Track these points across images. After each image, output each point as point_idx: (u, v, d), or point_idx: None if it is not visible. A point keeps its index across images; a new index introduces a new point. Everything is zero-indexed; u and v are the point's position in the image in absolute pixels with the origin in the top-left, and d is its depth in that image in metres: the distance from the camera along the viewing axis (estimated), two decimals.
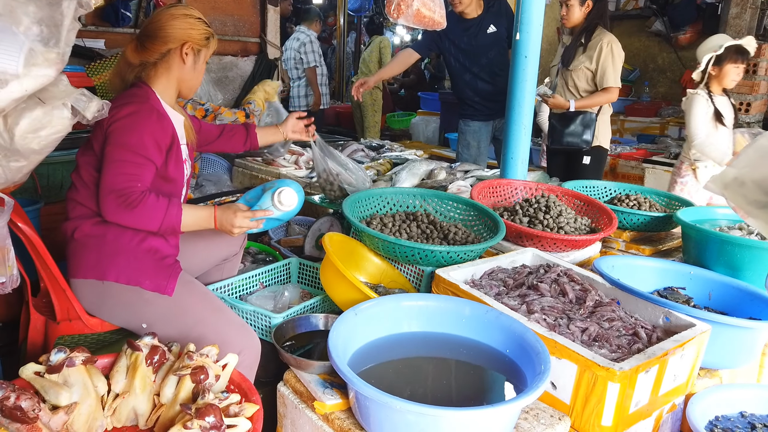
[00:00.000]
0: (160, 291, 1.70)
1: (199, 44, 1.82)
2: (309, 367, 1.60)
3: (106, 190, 1.61)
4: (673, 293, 2.14)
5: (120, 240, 1.70)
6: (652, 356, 1.48)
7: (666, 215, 2.56)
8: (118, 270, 1.67)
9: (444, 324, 1.67)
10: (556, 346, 1.49)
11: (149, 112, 1.71)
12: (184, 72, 1.82)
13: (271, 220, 2.01)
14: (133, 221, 1.64)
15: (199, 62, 1.85)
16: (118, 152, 1.64)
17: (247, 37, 4.64)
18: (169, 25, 1.76)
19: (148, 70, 1.81)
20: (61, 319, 1.63)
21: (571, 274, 1.89)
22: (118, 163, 1.63)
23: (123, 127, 1.66)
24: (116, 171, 1.62)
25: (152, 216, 1.64)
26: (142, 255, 1.71)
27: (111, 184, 1.61)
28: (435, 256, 1.95)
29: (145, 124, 1.68)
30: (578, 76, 3.48)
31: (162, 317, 1.69)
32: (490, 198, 2.68)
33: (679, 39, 6.71)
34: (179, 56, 1.79)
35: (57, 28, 1.14)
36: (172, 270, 1.75)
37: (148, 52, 1.77)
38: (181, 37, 1.77)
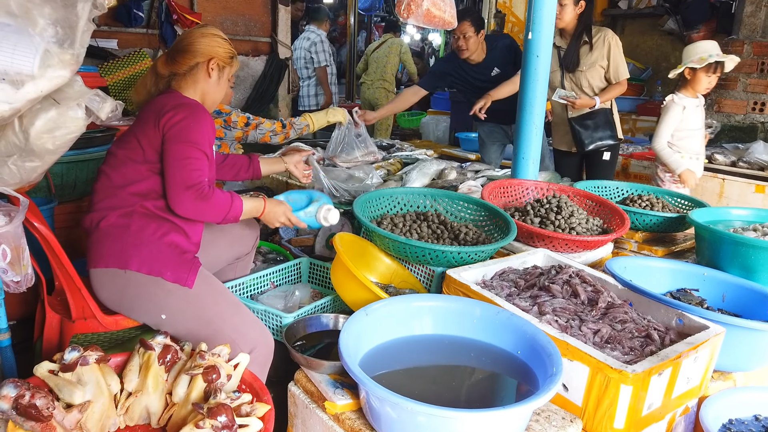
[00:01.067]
0: (180, 283, 1.73)
1: (224, 61, 1.99)
2: (320, 367, 1.60)
3: (181, 186, 1.71)
4: (686, 295, 2.12)
5: (144, 232, 1.75)
6: (665, 359, 1.47)
7: (679, 216, 2.53)
8: (140, 260, 1.71)
9: (454, 325, 1.67)
10: (568, 348, 1.48)
11: (203, 111, 1.85)
12: (209, 85, 1.97)
13: None
14: (207, 212, 1.75)
15: (222, 78, 2.01)
16: (185, 150, 1.74)
17: (258, 37, 4.66)
18: (198, 41, 1.94)
19: (177, 81, 1.95)
20: (76, 317, 1.65)
21: (583, 275, 1.88)
22: (187, 161, 1.74)
23: (187, 126, 1.77)
24: (188, 168, 1.73)
25: (222, 207, 1.77)
26: (165, 248, 1.76)
27: (185, 180, 1.72)
28: (446, 257, 1.94)
29: (202, 122, 1.81)
30: (593, 75, 3.50)
31: (181, 309, 1.72)
32: (501, 198, 2.67)
33: (692, 38, 6.62)
34: (206, 70, 1.95)
35: (72, 30, 1.15)
36: (192, 264, 1.79)
37: (177, 65, 1.93)
38: (208, 53, 1.94)
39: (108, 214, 1.77)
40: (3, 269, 1.37)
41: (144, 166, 1.80)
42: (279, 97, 4.77)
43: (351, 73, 9.01)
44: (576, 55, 3.50)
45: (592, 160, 3.67)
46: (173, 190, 1.72)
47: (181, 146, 1.75)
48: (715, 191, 3.54)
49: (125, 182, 1.80)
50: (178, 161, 1.73)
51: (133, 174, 1.80)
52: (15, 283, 1.41)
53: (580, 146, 3.56)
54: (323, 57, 5.89)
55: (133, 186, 1.79)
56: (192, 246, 1.86)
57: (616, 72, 3.47)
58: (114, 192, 1.80)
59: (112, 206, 1.78)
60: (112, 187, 1.81)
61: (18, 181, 1.44)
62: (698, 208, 2.73)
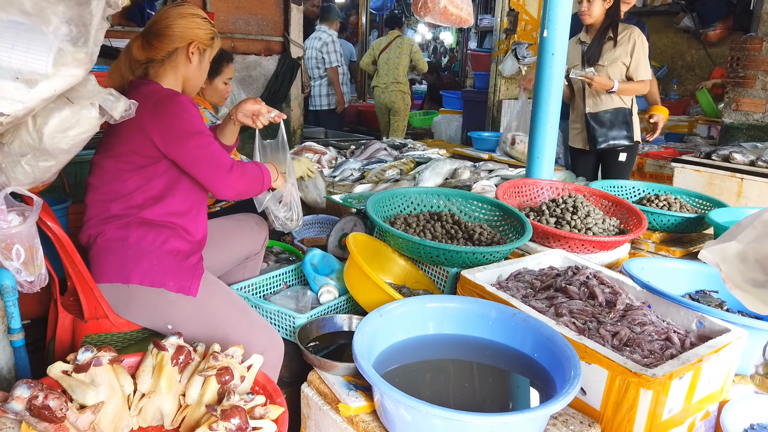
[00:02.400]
0: (184, 292, 1.69)
1: (205, 44, 1.84)
2: (333, 368, 1.58)
3: (222, 172, 1.70)
4: (706, 297, 2.08)
5: (143, 242, 1.70)
6: (686, 362, 1.44)
7: (697, 216, 2.49)
8: (142, 273, 1.67)
9: (470, 326, 1.64)
10: (586, 351, 1.46)
11: (186, 98, 1.75)
12: (189, 71, 1.84)
13: None
14: (253, 184, 1.78)
15: (203, 62, 1.88)
16: (199, 141, 1.69)
17: (270, 36, 4.65)
18: (176, 23, 1.78)
19: (155, 68, 1.81)
20: (89, 317, 1.64)
21: (600, 276, 1.85)
22: (208, 149, 1.70)
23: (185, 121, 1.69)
24: (215, 154, 1.70)
25: (257, 173, 1.80)
26: (165, 256, 1.71)
27: (221, 164, 1.70)
28: (460, 257, 1.92)
29: (191, 110, 1.73)
30: (614, 71, 3.42)
31: (187, 318, 1.69)
32: (515, 198, 2.64)
33: (708, 35, 6.56)
34: (186, 55, 1.81)
35: (86, 28, 1.14)
36: (195, 270, 1.75)
37: (155, 50, 1.78)
38: (188, 36, 1.79)
39: (104, 229, 1.71)
40: (17, 269, 1.37)
41: (135, 175, 1.71)
42: (291, 96, 4.76)
43: (363, 73, 8.99)
44: (598, 50, 3.43)
45: (608, 161, 3.59)
46: (217, 180, 1.69)
47: (195, 141, 1.68)
48: (733, 191, 3.48)
49: (117, 195, 1.71)
50: (202, 154, 1.68)
51: (123, 185, 1.71)
52: (29, 283, 1.40)
53: (592, 143, 3.49)
54: (335, 57, 5.85)
55: (126, 198, 1.71)
56: (195, 246, 1.80)
57: (636, 70, 3.40)
58: (106, 206, 1.72)
59: (106, 220, 1.72)
60: (104, 201, 1.73)
61: (32, 181, 1.43)
62: (717, 207, 2.69)
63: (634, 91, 3.45)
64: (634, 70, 3.40)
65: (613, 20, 3.39)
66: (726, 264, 1.12)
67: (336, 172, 3.41)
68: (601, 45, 3.42)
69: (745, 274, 1.11)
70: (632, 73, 3.41)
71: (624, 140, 3.46)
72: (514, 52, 6.20)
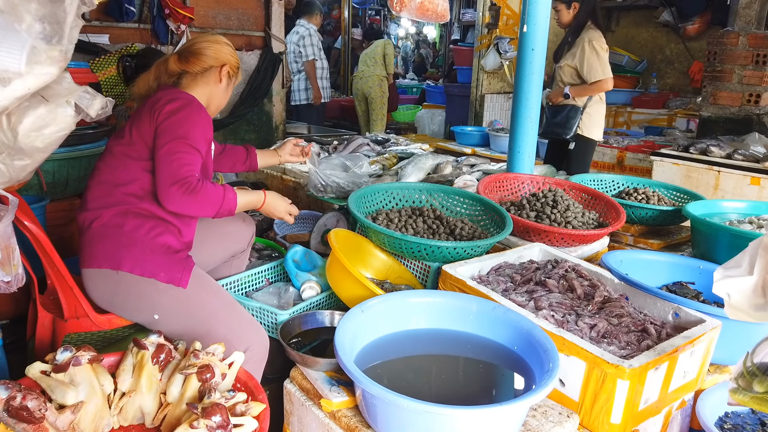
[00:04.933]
0: (174, 283, 1.70)
1: (233, 70, 2.03)
2: (315, 364, 1.59)
3: (168, 181, 1.69)
4: (683, 288, 2.12)
5: (137, 232, 1.72)
6: (662, 353, 1.47)
7: (675, 209, 2.53)
8: (133, 260, 1.69)
9: (451, 320, 1.66)
10: (565, 343, 1.48)
11: (199, 107, 1.84)
12: (218, 90, 2.00)
13: None
14: (195, 207, 1.73)
15: (229, 86, 2.05)
16: (174, 145, 1.72)
17: (251, 31, 4.61)
18: (214, 48, 1.97)
19: (187, 79, 1.95)
20: (69, 316, 1.63)
21: (579, 269, 1.87)
22: (176, 155, 1.71)
23: (178, 121, 1.76)
24: (176, 162, 1.71)
25: (213, 200, 1.74)
26: (158, 248, 1.74)
27: (173, 174, 1.70)
28: (441, 252, 1.93)
29: (196, 117, 1.80)
30: (564, 72, 3.76)
31: (174, 309, 1.70)
32: (496, 192, 2.66)
33: (687, 29, 6.64)
34: (217, 74, 1.97)
35: (60, 26, 1.12)
36: (186, 263, 1.77)
37: (191, 64, 1.94)
38: (222, 59, 1.97)
39: (102, 214, 1.74)
40: None
41: (138, 164, 1.77)
42: (273, 91, 4.72)
43: (346, 67, 8.98)
44: (561, 51, 3.80)
45: (563, 151, 3.91)
46: (161, 185, 1.71)
47: (171, 141, 1.72)
48: (710, 184, 3.54)
49: (120, 181, 1.77)
50: (167, 156, 1.71)
51: (127, 173, 1.77)
52: (5, 283, 1.39)
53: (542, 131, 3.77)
54: (311, 51, 5.84)
55: (127, 186, 1.76)
56: (184, 245, 1.83)
57: (588, 73, 3.64)
58: (108, 191, 1.77)
59: (106, 205, 1.75)
60: (107, 185, 1.77)
61: (7, 180, 1.42)
62: (693, 200, 2.73)
63: (587, 92, 3.71)
64: (586, 72, 3.65)
65: (575, 25, 3.72)
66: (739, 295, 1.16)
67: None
68: (563, 47, 3.80)
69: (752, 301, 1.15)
70: (585, 75, 3.67)
71: (562, 133, 3.75)
72: (496, 47, 6.23)
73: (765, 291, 1.14)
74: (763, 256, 1.12)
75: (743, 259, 1.17)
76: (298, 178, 3.43)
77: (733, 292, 1.16)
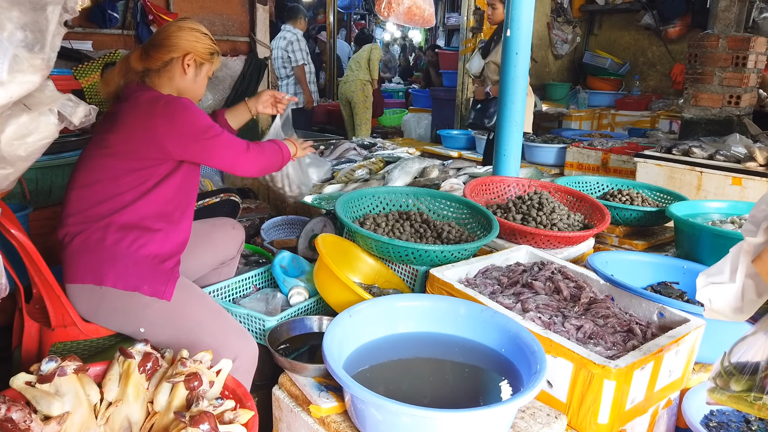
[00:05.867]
0: (158, 296, 1.68)
1: (202, 58, 1.88)
2: (304, 370, 1.59)
3: (241, 151, 1.80)
4: (667, 288, 2.14)
5: (119, 245, 1.68)
6: (647, 353, 1.48)
7: (658, 210, 2.56)
8: (116, 275, 1.65)
9: (439, 324, 1.66)
10: (552, 345, 1.49)
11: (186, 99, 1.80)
12: (184, 82, 1.87)
13: None
14: (272, 162, 1.92)
15: (200, 75, 1.91)
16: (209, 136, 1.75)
17: (236, 37, 4.60)
18: (175, 35, 1.84)
19: (151, 77, 1.85)
20: (56, 325, 1.61)
21: (565, 271, 1.89)
22: (217, 140, 1.76)
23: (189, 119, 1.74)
24: (226, 142, 1.78)
25: (275, 150, 1.94)
26: (141, 260, 1.69)
27: (236, 150, 1.80)
28: (429, 256, 1.94)
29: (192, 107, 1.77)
30: (490, 69, 4.09)
31: (159, 321, 1.68)
32: (483, 195, 2.67)
33: (668, 32, 6.73)
34: (181, 66, 1.84)
35: (42, 34, 1.12)
36: (170, 275, 1.73)
37: (151, 59, 1.83)
38: (184, 47, 1.84)
39: (83, 229, 1.69)
40: None
41: (130, 176, 1.71)
42: None
43: (332, 71, 8.98)
44: (488, 48, 4.15)
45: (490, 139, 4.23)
46: (238, 162, 1.79)
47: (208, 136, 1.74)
48: (693, 184, 3.58)
49: (108, 194, 1.71)
50: (218, 142, 1.76)
51: (116, 184, 1.71)
52: None
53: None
54: (300, 56, 5.86)
55: (116, 198, 1.71)
56: (174, 249, 1.79)
57: None
58: (93, 205, 1.71)
59: (86, 219, 1.70)
60: (92, 198, 1.72)
61: None
62: (677, 201, 2.77)
63: None
64: None
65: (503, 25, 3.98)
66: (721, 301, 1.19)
67: None
68: (489, 45, 4.16)
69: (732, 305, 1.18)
70: None
71: (480, 124, 4.18)
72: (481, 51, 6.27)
73: (743, 295, 1.16)
74: (743, 262, 1.14)
75: (725, 266, 1.19)
76: None
77: (715, 298, 1.18)
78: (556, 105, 6.71)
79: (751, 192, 3.32)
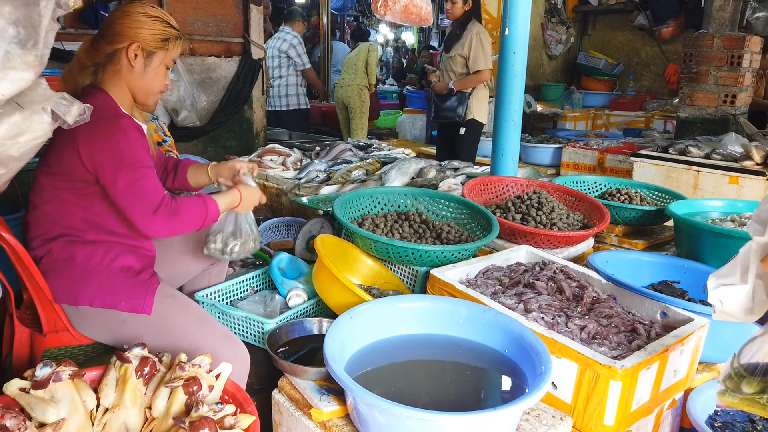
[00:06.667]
0: (137, 311, 1.59)
1: (151, 46, 1.65)
2: (304, 373, 1.56)
3: (146, 212, 1.54)
4: (668, 287, 2.13)
5: (90, 261, 1.60)
6: (652, 353, 1.46)
7: (658, 209, 2.55)
8: (91, 293, 1.57)
9: (441, 325, 1.64)
10: (556, 345, 1.47)
11: (128, 122, 1.60)
12: (133, 77, 1.66)
13: None
14: (183, 226, 1.61)
15: (151, 67, 1.67)
16: (128, 174, 1.53)
17: (230, 38, 4.57)
18: (118, 23, 1.62)
19: (100, 74, 1.66)
20: (48, 331, 1.57)
21: (567, 271, 1.87)
22: (137, 184, 1.54)
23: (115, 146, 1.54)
24: (143, 191, 1.54)
25: (196, 214, 1.63)
26: (115, 275, 1.61)
27: (148, 204, 1.54)
28: (429, 256, 1.92)
29: (129, 131, 1.57)
30: (455, 62, 4.18)
31: (142, 336, 1.59)
32: (481, 195, 2.65)
33: (662, 32, 6.76)
34: (126, 58, 1.63)
35: (35, 29, 1.08)
36: (148, 286, 1.64)
37: (97, 53, 1.63)
38: (129, 36, 1.61)
39: (49, 249, 1.60)
40: None
41: (73, 196, 1.60)
42: (253, 98, 4.68)
43: (326, 73, 8.96)
44: (450, 43, 4.20)
45: (453, 133, 4.31)
46: (140, 220, 1.54)
47: (124, 174, 1.52)
48: (690, 183, 3.58)
49: (57, 217, 1.60)
50: (129, 189, 1.53)
51: (62, 207, 1.60)
52: None
53: (432, 117, 4.37)
54: (306, 59, 5.90)
55: (66, 219, 1.61)
56: (147, 261, 1.72)
57: (473, 62, 4.09)
58: (48, 227, 1.61)
59: (50, 239, 1.61)
60: (44, 222, 1.61)
61: None
62: (675, 200, 2.76)
63: (469, 84, 4.18)
64: (472, 62, 4.10)
65: (465, 19, 4.12)
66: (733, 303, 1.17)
67: (302, 174, 3.37)
68: (453, 39, 4.18)
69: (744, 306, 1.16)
70: (470, 64, 4.11)
71: (455, 117, 4.19)
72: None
73: (754, 296, 1.15)
74: (753, 262, 1.13)
75: (735, 267, 1.18)
76: (280, 185, 3.40)
77: (726, 300, 1.16)
78: (551, 105, 6.72)
79: (748, 191, 3.32)
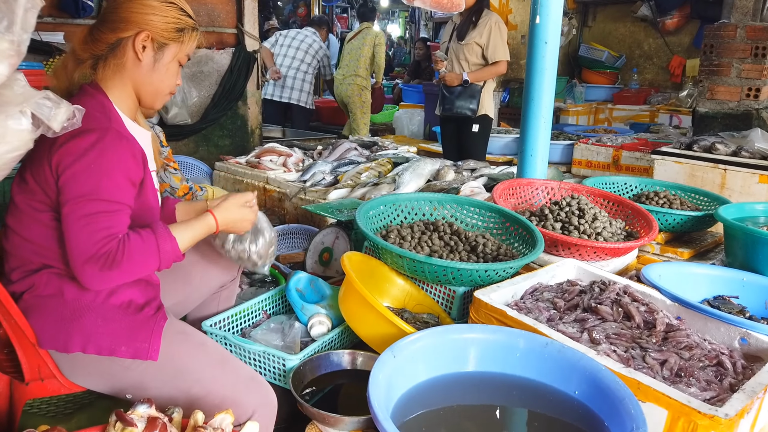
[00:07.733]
0: (141, 357, 1.31)
1: (163, 37, 1.38)
2: (340, 422, 1.32)
3: (81, 258, 1.22)
4: (726, 303, 1.92)
5: (83, 298, 1.32)
6: (752, 395, 1.24)
7: (705, 214, 2.34)
8: (84, 338, 1.28)
9: (496, 361, 1.41)
10: (640, 387, 1.24)
11: (115, 140, 1.28)
12: (140, 72, 1.39)
13: None
14: (126, 276, 1.27)
15: (162, 61, 1.40)
16: (84, 206, 1.23)
17: (222, 28, 4.27)
18: (124, 7, 1.36)
19: (100, 69, 1.39)
20: (31, 378, 1.29)
21: (631, 292, 1.64)
22: (87, 219, 1.23)
23: (85, 170, 1.24)
24: (88, 230, 1.23)
25: (145, 260, 1.27)
26: (113, 313, 1.33)
27: (85, 249, 1.22)
28: (471, 276, 1.68)
29: (111, 159, 1.27)
30: (470, 51, 3.86)
31: (148, 385, 1.33)
32: (509, 200, 2.42)
33: (665, 24, 6.58)
34: (133, 49, 1.36)
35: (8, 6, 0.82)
36: (153, 324, 1.35)
37: (97, 43, 1.37)
38: (137, 23, 1.35)
39: (33, 283, 1.32)
40: None
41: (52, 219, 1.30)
42: (248, 93, 4.39)
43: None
44: (464, 31, 3.85)
45: (463, 129, 4.00)
46: (73, 262, 1.24)
47: (78, 202, 1.23)
48: (716, 182, 3.38)
49: (42, 244, 1.32)
50: (74, 222, 1.23)
51: (47, 233, 1.31)
52: None
53: (440, 110, 4.03)
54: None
55: (53, 247, 1.32)
56: (150, 292, 1.43)
57: (493, 52, 3.80)
58: (30, 257, 1.33)
59: (33, 270, 1.33)
60: (26, 249, 1.33)
61: None
62: (714, 202, 2.56)
63: (486, 76, 3.89)
64: (492, 51, 3.80)
65: (479, 7, 3.80)
66: None
67: (306, 177, 3.11)
68: (467, 26, 3.84)
69: None
70: (489, 54, 3.82)
71: (467, 111, 3.87)
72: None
73: None
74: None
75: None
76: (283, 189, 3.13)
77: None
78: None
79: None
